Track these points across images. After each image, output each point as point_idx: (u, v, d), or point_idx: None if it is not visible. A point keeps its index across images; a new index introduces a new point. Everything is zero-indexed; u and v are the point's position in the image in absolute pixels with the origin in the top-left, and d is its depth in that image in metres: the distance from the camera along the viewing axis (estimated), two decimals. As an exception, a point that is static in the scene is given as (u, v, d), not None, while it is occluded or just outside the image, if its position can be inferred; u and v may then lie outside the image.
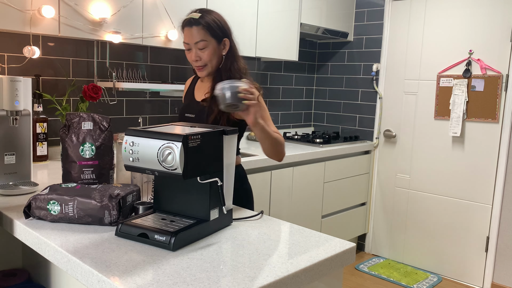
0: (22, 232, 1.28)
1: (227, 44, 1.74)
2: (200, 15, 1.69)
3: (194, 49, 1.70)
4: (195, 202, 1.26)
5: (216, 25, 1.70)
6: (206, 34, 1.68)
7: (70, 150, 1.50)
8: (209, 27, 1.68)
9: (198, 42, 1.68)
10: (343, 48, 3.96)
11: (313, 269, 1.10)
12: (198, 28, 1.68)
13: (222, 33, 1.72)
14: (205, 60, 1.71)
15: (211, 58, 1.71)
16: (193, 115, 1.78)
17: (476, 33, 3.21)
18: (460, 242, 3.38)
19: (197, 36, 1.68)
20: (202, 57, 1.70)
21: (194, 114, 1.78)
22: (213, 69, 1.74)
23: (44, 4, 2.02)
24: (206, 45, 1.69)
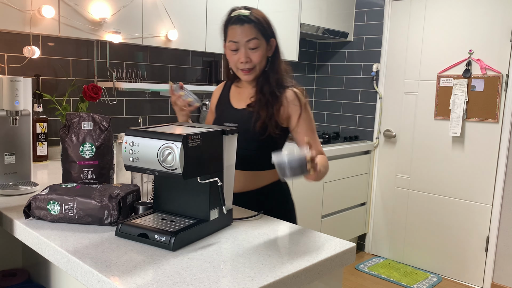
0: (22, 232, 1.28)
1: (273, 44, 1.63)
2: (249, 11, 1.57)
3: (244, 49, 1.56)
4: (195, 202, 1.26)
5: (266, 23, 1.59)
6: (258, 32, 1.56)
7: (70, 150, 1.50)
8: (260, 25, 1.57)
9: (251, 41, 1.55)
10: (343, 48, 3.96)
11: (313, 269, 1.09)
12: (250, 26, 1.55)
13: (271, 32, 1.62)
14: (255, 62, 1.58)
15: (261, 60, 1.59)
16: (235, 123, 1.62)
17: (476, 33, 3.21)
18: (460, 242, 3.38)
19: (249, 34, 1.55)
20: (252, 58, 1.57)
21: (237, 122, 1.62)
22: (260, 72, 1.62)
23: (44, 4, 2.02)
24: (258, 44, 1.56)
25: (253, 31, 1.56)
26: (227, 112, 1.70)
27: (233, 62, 1.61)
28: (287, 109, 1.60)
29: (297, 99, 1.60)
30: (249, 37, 1.55)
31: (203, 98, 3.20)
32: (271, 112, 1.57)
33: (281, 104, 1.59)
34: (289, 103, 1.59)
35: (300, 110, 1.59)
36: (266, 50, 1.60)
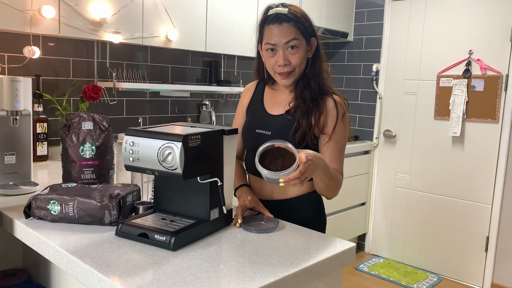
0: (22, 232, 1.28)
1: (314, 44, 1.49)
2: (287, 9, 1.43)
3: (282, 51, 1.43)
4: (195, 202, 1.26)
5: (306, 20, 1.45)
6: (298, 32, 1.42)
7: (70, 150, 1.50)
8: (301, 24, 1.43)
9: (289, 42, 1.41)
10: (343, 48, 3.96)
11: (313, 269, 1.10)
12: (289, 25, 1.41)
13: (311, 31, 1.47)
14: (295, 64, 1.44)
15: (301, 62, 1.45)
16: (269, 132, 1.50)
17: (476, 33, 3.21)
18: (460, 242, 3.38)
19: (288, 34, 1.41)
20: (291, 60, 1.43)
21: (271, 130, 1.50)
22: (299, 75, 1.48)
23: (44, 4, 2.03)
24: (298, 44, 1.43)
25: (292, 30, 1.42)
26: (260, 118, 1.55)
27: (270, 65, 1.47)
28: (324, 119, 1.46)
29: (335, 108, 1.46)
30: (288, 37, 1.41)
31: (203, 98, 3.20)
32: (311, 121, 1.45)
33: (322, 112, 1.46)
34: (328, 112, 1.46)
35: (335, 121, 1.45)
36: (306, 51, 1.46)
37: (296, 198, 1.55)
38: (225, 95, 3.33)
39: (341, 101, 1.49)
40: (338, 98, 1.49)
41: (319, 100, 1.47)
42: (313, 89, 1.48)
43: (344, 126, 1.47)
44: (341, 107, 1.47)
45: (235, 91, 3.15)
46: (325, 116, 1.46)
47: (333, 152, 1.46)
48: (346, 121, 1.48)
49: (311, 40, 1.48)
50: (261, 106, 1.58)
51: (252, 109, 1.61)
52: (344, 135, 1.48)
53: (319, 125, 1.46)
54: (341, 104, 1.48)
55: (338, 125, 1.46)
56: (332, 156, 1.46)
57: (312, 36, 1.48)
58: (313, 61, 1.49)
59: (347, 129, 1.50)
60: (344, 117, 1.47)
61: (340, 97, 1.50)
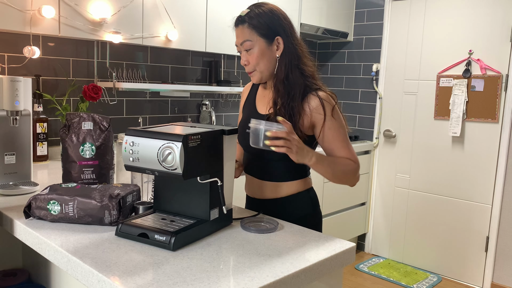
0: (22, 232, 1.28)
1: (280, 43, 1.46)
2: (248, 11, 1.46)
3: (242, 52, 1.49)
4: (195, 202, 1.26)
5: (264, 20, 1.44)
6: (252, 33, 1.44)
7: (70, 150, 1.50)
8: (255, 25, 1.43)
9: (243, 43, 1.46)
10: (343, 48, 3.96)
11: (313, 269, 1.10)
12: (243, 27, 1.45)
13: (272, 30, 1.44)
14: (253, 64, 1.47)
15: (258, 62, 1.46)
16: None
17: (476, 33, 3.21)
18: (460, 242, 3.38)
19: (241, 36, 1.46)
20: (249, 60, 1.47)
21: None
22: (264, 74, 1.49)
23: (44, 4, 2.03)
24: (251, 45, 1.45)
25: (246, 32, 1.45)
26: (251, 116, 1.54)
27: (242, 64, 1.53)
28: (310, 118, 1.45)
29: (321, 106, 1.43)
30: (241, 39, 1.46)
31: (203, 98, 3.20)
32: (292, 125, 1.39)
33: (304, 113, 1.45)
34: (312, 112, 1.44)
35: (324, 119, 1.43)
36: (267, 51, 1.45)
37: (290, 196, 1.55)
38: (225, 95, 3.33)
39: (327, 96, 1.45)
40: (323, 94, 1.45)
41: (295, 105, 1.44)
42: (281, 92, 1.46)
43: (336, 120, 1.45)
44: (327, 103, 1.44)
45: (235, 91, 3.15)
46: (309, 117, 1.44)
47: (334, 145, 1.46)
48: (337, 114, 1.45)
49: (276, 39, 1.46)
50: (253, 105, 1.60)
51: (246, 108, 1.64)
52: (340, 127, 1.45)
53: (303, 126, 1.45)
54: (326, 99, 1.44)
55: (329, 121, 1.43)
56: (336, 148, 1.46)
57: (277, 35, 1.45)
58: (281, 61, 1.46)
59: (341, 121, 1.46)
60: (334, 112, 1.44)
61: (325, 92, 1.46)
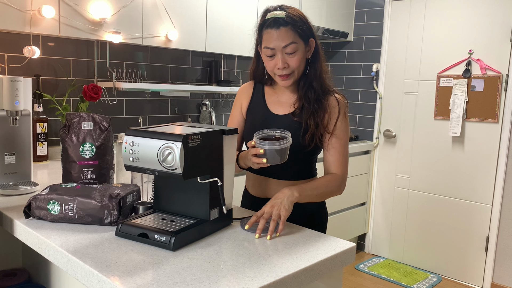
0: (22, 232, 1.28)
1: (312, 45, 1.50)
2: (285, 12, 1.44)
3: (281, 55, 1.44)
4: (195, 202, 1.26)
5: (303, 23, 1.46)
6: (295, 35, 1.43)
7: (70, 150, 1.50)
8: (298, 27, 1.44)
9: (287, 46, 1.43)
10: (343, 48, 3.96)
11: (313, 269, 1.10)
12: (287, 29, 1.42)
13: (310, 32, 1.48)
14: (294, 67, 1.46)
15: (300, 64, 1.46)
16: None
17: (476, 33, 3.21)
18: (460, 242, 3.38)
19: (286, 38, 1.42)
20: (290, 63, 1.45)
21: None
22: (299, 76, 1.50)
23: (44, 4, 2.03)
24: (296, 48, 1.44)
25: (290, 34, 1.42)
26: (265, 117, 1.56)
27: (269, 67, 1.49)
28: (328, 116, 1.51)
29: (337, 106, 1.51)
30: (286, 42, 1.42)
31: (203, 98, 3.20)
32: (317, 121, 1.48)
33: (325, 111, 1.50)
34: (331, 110, 1.50)
35: (337, 118, 1.50)
36: (305, 53, 1.48)
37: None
38: (225, 95, 3.33)
39: (342, 99, 1.54)
40: (339, 96, 1.54)
41: (322, 100, 1.51)
42: (316, 90, 1.50)
43: (345, 122, 1.52)
44: (343, 104, 1.53)
45: (235, 91, 3.15)
46: (328, 115, 1.51)
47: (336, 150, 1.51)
48: (346, 118, 1.54)
49: (310, 41, 1.49)
50: (264, 107, 1.59)
51: (254, 110, 1.61)
52: (345, 131, 1.53)
53: (323, 124, 1.51)
54: (342, 101, 1.53)
55: (339, 121, 1.51)
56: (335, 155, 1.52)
57: (310, 37, 1.49)
58: (313, 62, 1.51)
59: (348, 126, 1.54)
60: (345, 114, 1.53)
61: (340, 95, 1.55)
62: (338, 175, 1.52)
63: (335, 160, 1.52)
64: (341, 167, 1.53)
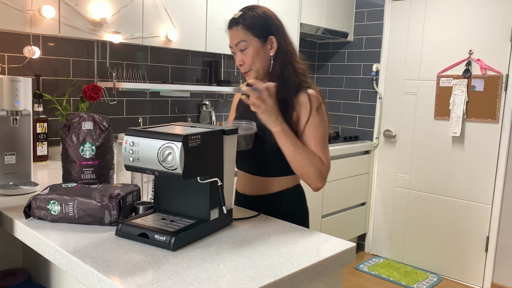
0: (22, 232, 1.28)
1: (274, 42, 1.53)
2: (241, 13, 1.53)
3: (238, 53, 1.54)
4: (195, 202, 1.26)
5: (257, 21, 1.51)
6: (246, 33, 1.51)
7: (70, 150, 1.50)
8: (249, 26, 1.51)
9: (238, 44, 1.52)
10: (343, 48, 3.96)
11: (313, 269, 1.10)
12: (237, 28, 1.52)
13: (265, 30, 1.52)
14: (248, 63, 1.53)
15: (254, 61, 1.52)
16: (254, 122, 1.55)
17: (476, 33, 3.21)
18: (460, 242, 3.38)
19: (236, 37, 1.52)
20: (245, 60, 1.53)
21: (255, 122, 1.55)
22: (260, 73, 1.54)
23: (44, 4, 2.03)
24: (246, 46, 1.51)
25: (240, 33, 1.51)
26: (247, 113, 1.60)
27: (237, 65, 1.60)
28: (298, 114, 1.51)
29: (308, 102, 1.50)
30: (236, 40, 1.52)
31: (203, 97, 3.20)
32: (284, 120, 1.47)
33: (294, 109, 1.51)
34: (300, 107, 1.51)
35: (308, 114, 1.49)
36: (261, 50, 1.52)
37: (280, 192, 1.61)
38: (225, 95, 3.33)
39: (315, 94, 1.52)
40: (312, 91, 1.53)
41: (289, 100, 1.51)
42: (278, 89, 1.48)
43: (320, 117, 1.50)
44: (315, 99, 1.51)
45: (235, 91, 3.15)
46: (297, 112, 1.51)
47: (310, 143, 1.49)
48: (322, 112, 1.52)
49: (269, 39, 1.53)
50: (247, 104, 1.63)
51: (240, 106, 1.71)
52: (320, 125, 1.50)
53: (292, 121, 1.50)
54: (315, 96, 1.51)
55: (312, 116, 1.49)
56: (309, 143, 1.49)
57: (269, 35, 1.53)
58: (275, 59, 1.54)
59: (324, 120, 1.52)
60: (320, 109, 1.51)
61: (314, 90, 1.54)
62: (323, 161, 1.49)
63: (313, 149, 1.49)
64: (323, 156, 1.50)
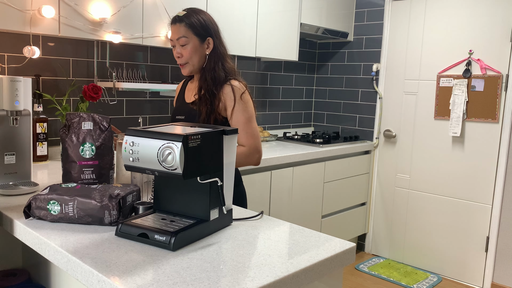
0: (22, 232, 1.28)
1: (210, 43, 1.76)
2: (186, 13, 1.75)
3: (177, 46, 1.75)
4: (195, 202, 1.26)
5: (200, 23, 1.74)
6: (188, 31, 1.72)
7: (70, 150, 1.50)
8: (191, 25, 1.73)
9: (179, 39, 1.73)
10: (343, 48, 3.96)
11: (313, 269, 1.10)
12: (181, 25, 1.73)
13: (205, 31, 1.75)
14: (186, 57, 1.74)
15: (192, 56, 1.74)
16: (183, 116, 1.81)
17: (476, 33, 3.21)
18: (460, 242, 3.38)
19: (178, 32, 1.73)
20: (183, 53, 1.74)
21: (184, 115, 1.81)
22: (195, 67, 1.77)
23: (44, 4, 2.03)
24: (187, 42, 1.73)
25: (182, 29, 1.72)
26: (180, 105, 1.86)
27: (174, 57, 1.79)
28: (224, 103, 1.73)
29: (232, 91, 1.72)
30: (177, 35, 1.73)
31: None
32: (210, 109, 1.72)
33: (220, 99, 1.73)
34: (225, 97, 1.73)
35: (233, 102, 1.71)
36: (199, 48, 1.74)
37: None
38: (225, 95, 3.32)
39: (238, 84, 1.75)
40: (235, 82, 1.75)
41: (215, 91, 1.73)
42: (209, 82, 1.74)
43: (244, 103, 1.73)
44: (238, 89, 1.73)
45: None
46: (223, 102, 1.73)
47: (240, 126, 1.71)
48: (245, 98, 1.74)
49: (207, 40, 1.75)
50: (182, 96, 1.89)
51: (178, 99, 1.93)
52: (245, 110, 1.72)
53: (218, 110, 1.73)
54: (237, 86, 1.74)
55: (237, 104, 1.72)
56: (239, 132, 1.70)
57: (208, 36, 1.75)
58: (210, 58, 1.77)
59: (249, 105, 1.74)
60: (243, 96, 1.73)
61: (238, 81, 1.76)
62: (244, 147, 1.72)
63: (239, 134, 1.71)
64: (247, 140, 1.72)
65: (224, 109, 1.74)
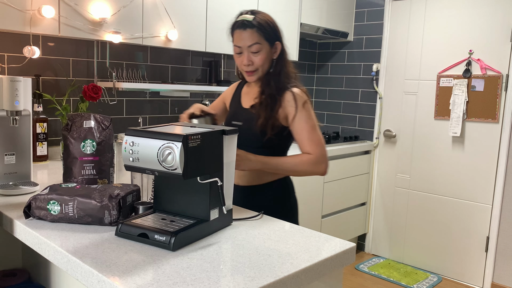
0: (22, 232, 1.28)
1: (278, 47, 1.67)
2: (253, 16, 1.62)
3: (246, 53, 1.63)
4: (195, 202, 1.26)
5: (269, 27, 1.64)
6: (260, 37, 1.62)
7: (71, 147, 1.51)
8: (263, 30, 1.62)
9: (252, 46, 1.61)
10: (343, 48, 3.96)
11: (313, 269, 1.10)
12: (252, 31, 1.61)
13: (275, 35, 1.66)
14: (257, 65, 1.64)
15: (264, 63, 1.64)
16: (241, 122, 1.70)
17: (476, 33, 3.21)
18: (460, 242, 3.38)
19: (251, 39, 1.61)
20: (254, 61, 1.63)
21: (242, 121, 1.70)
22: (263, 73, 1.67)
23: (44, 4, 2.02)
24: (260, 48, 1.62)
25: (255, 36, 1.61)
26: (237, 110, 1.77)
27: (238, 63, 1.69)
28: (284, 110, 1.63)
29: (293, 99, 1.62)
30: (250, 42, 1.61)
31: (203, 97, 3.20)
32: (270, 114, 1.62)
33: (280, 105, 1.63)
34: (286, 104, 1.63)
35: (295, 110, 1.61)
36: (269, 53, 1.65)
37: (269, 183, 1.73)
38: (225, 95, 3.32)
39: (300, 92, 1.65)
40: (296, 90, 1.65)
41: (277, 96, 1.64)
42: (272, 87, 1.65)
43: (306, 111, 1.62)
44: (300, 97, 1.63)
45: (235, 91, 3.15)
46: (283, 109, 1.63)
47: (301, 136, 1.63)
48: (307, 107, 1.64)
49: (275, 44, 1.66)
50: (239, 101, 1.79)
51: (232, 104, 1.82)
52: (309, 118, 1.63)
53: (278, 116, 1.63)
54: (299, 94, 1.64)
55: (299, 112, 1.62)
56: (300, 139, 1.63)
57: (276, 40, 1.66)
58: (277, 62, 1.68)
59: (311, 114, 1.64)
60: (305, 105, 1.63)
61: (299, 89, 1.66)
62: (310, 154, 1.62)
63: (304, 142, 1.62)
64: (314, 148, 1.61)
65: (284, 117, 1.64)
